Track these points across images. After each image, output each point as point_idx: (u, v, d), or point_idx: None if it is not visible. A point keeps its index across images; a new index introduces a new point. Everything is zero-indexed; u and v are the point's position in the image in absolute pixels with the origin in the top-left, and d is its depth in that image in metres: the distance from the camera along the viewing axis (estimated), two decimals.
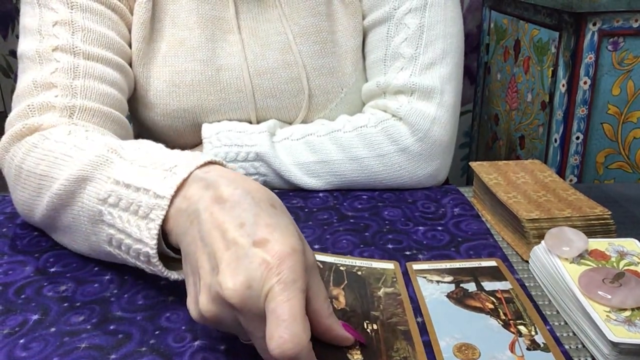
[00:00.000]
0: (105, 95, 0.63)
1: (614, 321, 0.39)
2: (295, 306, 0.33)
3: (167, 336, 0.42)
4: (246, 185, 0.39)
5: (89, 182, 0.47)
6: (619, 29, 1.17)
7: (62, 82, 0.60)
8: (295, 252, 0.34)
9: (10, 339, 0.42)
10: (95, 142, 0.50)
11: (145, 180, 0.43)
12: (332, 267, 0.49)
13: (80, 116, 0.59)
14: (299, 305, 0.33)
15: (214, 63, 0.71)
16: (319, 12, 0.71)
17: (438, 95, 0.68)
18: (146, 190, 0.42)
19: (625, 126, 1.24)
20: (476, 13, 1.84)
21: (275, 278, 0.33)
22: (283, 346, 0.31)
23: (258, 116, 0.74)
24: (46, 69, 0.60)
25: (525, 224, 0.53)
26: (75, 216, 0.48)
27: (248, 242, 0.35)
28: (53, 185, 0.49)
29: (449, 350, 0.40)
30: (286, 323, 0.32)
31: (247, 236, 0.35)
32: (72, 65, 0.61)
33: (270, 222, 0.36)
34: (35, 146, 0.53)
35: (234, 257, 0.34)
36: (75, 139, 0.52)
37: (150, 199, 0.41)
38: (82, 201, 0.47)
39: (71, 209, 0.49)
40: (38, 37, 0.61)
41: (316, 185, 0.68)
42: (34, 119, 0.57)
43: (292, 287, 0.33)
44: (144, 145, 0.48)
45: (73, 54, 0.61)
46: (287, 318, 0.32)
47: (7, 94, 2.06)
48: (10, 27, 1.99)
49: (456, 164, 2.02)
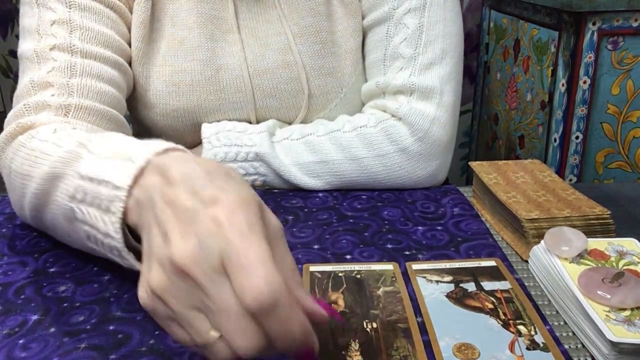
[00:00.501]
0: (103, 94, 0.62)
1: (613, 321, 0.39)
2: (260, 250, 0.29)
3: (167, 336, 0.42)
4: (199, 161, 0.37)
5: (60, 180, 0.46)
6: (619, 28, 1.17)
7: (58, 81, 0.59)
8: (248, 202, 0.32)
9: (9, 339, 0.42)
10: (70, 138, 0.48)
11: (106, 172, 0.41)
12: (330, 274, 0.49)
13: (76, 115, 0.59)
14: (264, 249, 0.30)
15: (213, 63, 0.71)
16: (319, 12, 0.71)
17: (437, 95, 0.68)
18: (106, 182, 0.41)
19: (624, 126, 1.24)
20: (476, 12, 1.84)
21: (230, 231, 0.30)
22: (258, 295, 0.28)
23: (258, 116, 0.74)
24: (43, 69, 0.60)
25: (525, 223, 0.53)
26: (54, 215, 0.48)
27: (198, 205, 0.32)
28: (31, 185, 0.48)
29: (448, 350, 0.40)
30: (254, 269, 0.29)
31: (198, 201, 0.32)
32: (69, 63, 0.61)
33: (222, 184, 0.33)
34: (22, 145, 0.52)
35: (184, 224, 0.32)
36: (57, 137, 0.50)
37: (109, 191, 0.40)
38: (56, 200, 0.46)
39: (49, 208, 0.48)
40: (36, 37, 0.61)
41: (316, 185, 0.68)
42: (28, 117, 0.56)
43: (251, 234, 0.30)
44: (112, 136, 0.47)
45: (70, 53, 0.61)
46: (255, 263, 0.29)
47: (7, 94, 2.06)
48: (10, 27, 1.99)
49: (456, 163, 2.02)
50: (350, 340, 0.41)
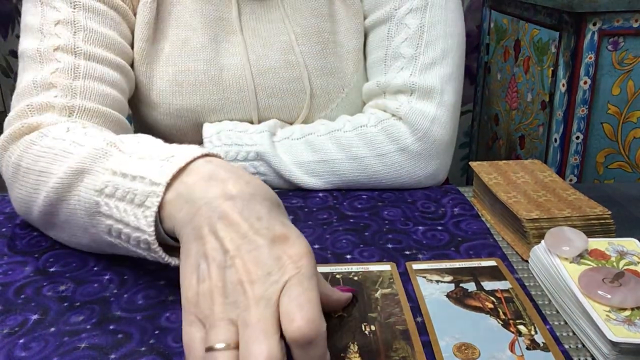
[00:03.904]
0: (105, 96, 0.63)
1: (613, 321, 0.39)
2: (314, 296, 0.34)
3: (167, 336, 0.42)
4: (253, 182, 0.40)
5: (86, 175, 0.47)
6: (619, 28, 1.17)
7: (62, 82, 0.60)
8: (311, 253, 0.36)
9: (10, 339, 0.42)
10: (94, 137, 0.50)
11: (142, 170, 0.43)
12: (328, 276, 0.49)
13: (79, 116, 0.59)
14: (316, 296, 0.34)
15: (216, 63, 0.71)
16: (321, 13, 0.72)
17: (438, 95, 0.68)
18: (142, 178, 0.42)
19: (625, 126, 1.24)
20: (476, 13, 1.84)
21: (295, 271, 0.34)
22: (303, 328, 0.32)
23: (260, 115, 0.74)
24: (46, 69, 0.60)
25: (525, 223, 0.53)
26: (72, 210, 0.48)
27: (268, 235, 0.36)
28: (50, 180, 0.49)
29: (448, 350, 0.40)
30: (306, 308, 0.33)
31: (266, 229, 0.36)
32: (73, 65, 0.61)
33: (284, 221, 0.38)
34: (33, 143, 0.53)
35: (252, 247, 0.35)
36: (74, 136, 0.52)
37: (145, 186, 0.42)
38: (79, 194, 0.47)
39: (67, 203, 0.48)
40: (39, 36, 0.61)
41: (316, 185, 0.68)
42: (33, 118, 0.57)
43: (310, 281, 0.34)
44: (143, 139, 0.49)
45: (74, 55, 0.61)
46: (307, 304, 0.33)
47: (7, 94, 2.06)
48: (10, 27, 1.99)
49: (456, 163, 2.02)
50: (350, 342, 0.41)
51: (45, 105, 0.58)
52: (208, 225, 0.37)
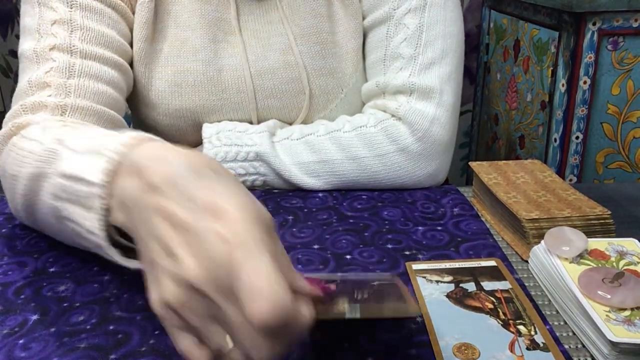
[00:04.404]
0: (100, 94, 0.62)
1: (613, 321, 0.39)
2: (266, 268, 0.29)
3: (167, 336, 0.42)
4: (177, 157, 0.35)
5: (43, 179, 0.45)
6: (619, 28, 1.17)
7: (56, 81, 0.59)
8: (248, 211, 0.32)
9: (9, 339, 0.42)
10: (48, 135, 0.48)
11: (80, 169, 0.41)
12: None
13: (73, 115, 0.59)
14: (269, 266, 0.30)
15: (215, 63, 0.71)
16: (320, 13, 0.72)
17: (437, 95, 0.68)
18: (80, 179, 0.40)
19: (624, 126, 1.24)
20: (476, 13, 1.84)
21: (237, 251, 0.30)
22: (267, 319, 0.28)
23: (259, 116, 0.74)
24: (42, 69, 0.60)
25: (525, 223, 0.53)
26: (43, 215, 0.48)
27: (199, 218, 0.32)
28: (19, 185, 0.48)
29: (448, 350, 0.40)
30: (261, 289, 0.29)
31: (196, 213, 0.32)
32: (68, 64, 0.60)
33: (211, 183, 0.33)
34: (14, 145, 0.52)
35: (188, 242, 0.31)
36: (43, 135, 0.49)
37: (85, 187, 0.40)
38: (43, 200, 0.46)
39: (38, 208, 0.48)
40: (37, 37, 0.61)
41: (316, 185, 0.68)
42: (23, 118, 0.56)
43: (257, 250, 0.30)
44: (86, 131, 0.46)
45: (70, 53, 0.61)
46: (261, 283, 0.29)
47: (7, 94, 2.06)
48: (10, 27, 1.99)
49: (456, 164, 2.02)
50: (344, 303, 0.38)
51: (37, 105, 0.58)
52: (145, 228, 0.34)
